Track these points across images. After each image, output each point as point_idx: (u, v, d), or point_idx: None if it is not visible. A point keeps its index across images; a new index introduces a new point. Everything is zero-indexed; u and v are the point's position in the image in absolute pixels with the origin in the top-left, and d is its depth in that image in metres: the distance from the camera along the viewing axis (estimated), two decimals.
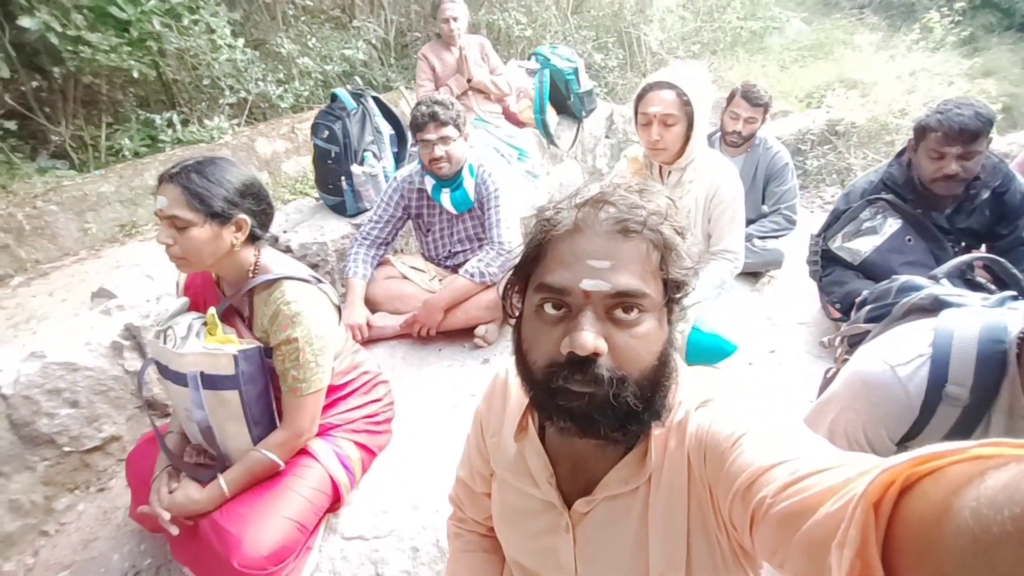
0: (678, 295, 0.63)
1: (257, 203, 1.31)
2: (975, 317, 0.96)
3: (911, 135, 1.93)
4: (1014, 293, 1.41)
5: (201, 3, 3.36)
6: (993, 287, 1.49)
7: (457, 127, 2.04)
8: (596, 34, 5.57)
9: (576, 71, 3.20)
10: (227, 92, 3.54)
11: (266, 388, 1.37)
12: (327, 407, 1.48)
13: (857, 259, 2.03)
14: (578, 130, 3.45)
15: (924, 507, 0.32)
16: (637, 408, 0.58)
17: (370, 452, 1.59)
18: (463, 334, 2.21)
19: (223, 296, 1.39)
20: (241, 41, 3.42)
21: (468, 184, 2.15)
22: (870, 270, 1.99)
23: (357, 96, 2.42)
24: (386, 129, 2.50)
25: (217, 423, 1.32)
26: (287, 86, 3.74)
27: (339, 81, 3.99)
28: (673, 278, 0.61)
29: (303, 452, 1.43)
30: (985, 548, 0.26)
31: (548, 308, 0.60)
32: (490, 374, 1.98)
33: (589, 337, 0.56)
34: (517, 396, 0.79)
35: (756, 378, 2.07)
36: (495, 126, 2.90)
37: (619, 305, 0.58)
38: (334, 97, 2.43)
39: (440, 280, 2.32)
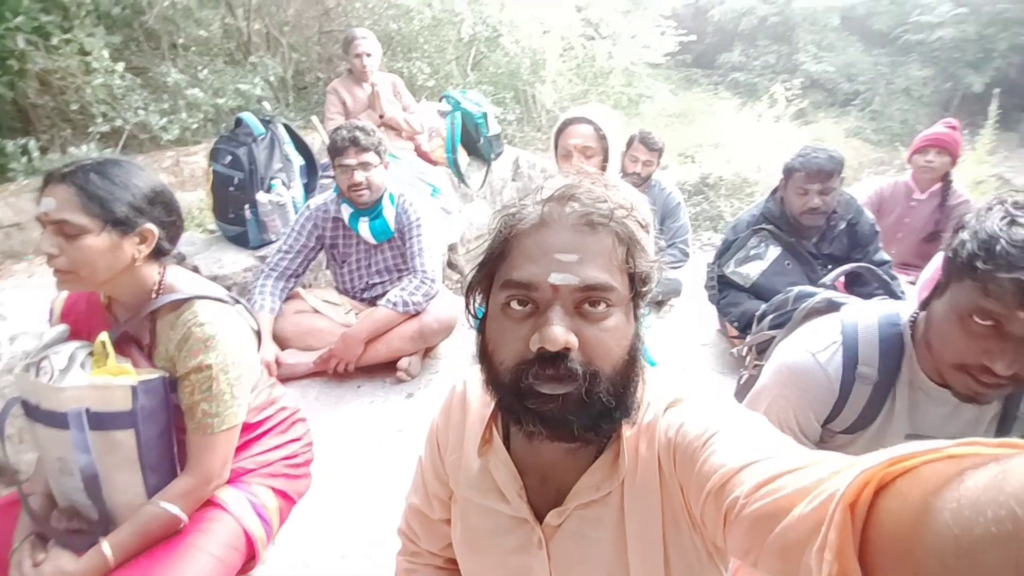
0: (643, 289, 0.63)
1: (167, 213, 1.16)
2: (872, 308, 1.10)
3: (781, 176, 2.26)
4: (883, 295, 1.67)
5: (76, 22, 3.05)
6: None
7: (378, 154, 2.01)
8: (495, 89, 5.89)
9: (485, 115, 3.33)
10: (99, 119, 3.18)
11: (168, 428, 1.17)
12: (239, 449, 1.30)
13: (748, 282, 2.28)
14: (487, 172, 3.56)
15: (901, 508, 0.32)
16: (610, 405, 0.57)
17: (289, 499, 1.41)
18: (384, 369, 2.10)
19: (116, 322, 1.19)
20: (121, 65, 3.12)
21: (388, 213, 2.11)
22: (759, 291, 2.24)
23: (266, 122, 2.29)
24: (296, 159, 2.39)
25: (103, 473, 1.10)
26: (172, 117, 3.46)
27: (231, 116, 3.78)
28: (638, 272, 0.61)
29: (210, 503, 1.23)
30: (967, 550, 0.25)
31: (515, 305, 0.58)
32: (416, 409, 1.90)
33: (560, 331, 0.54)
34: (478, 408, 0.75)
35: None
36: (407, 162, 2.90)
37: (587, 299, 0.57)
38: (239, 122, 2.29)
39: (356, 314, 2.20)
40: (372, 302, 2.20)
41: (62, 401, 1.07)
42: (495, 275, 0.62)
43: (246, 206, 2.25)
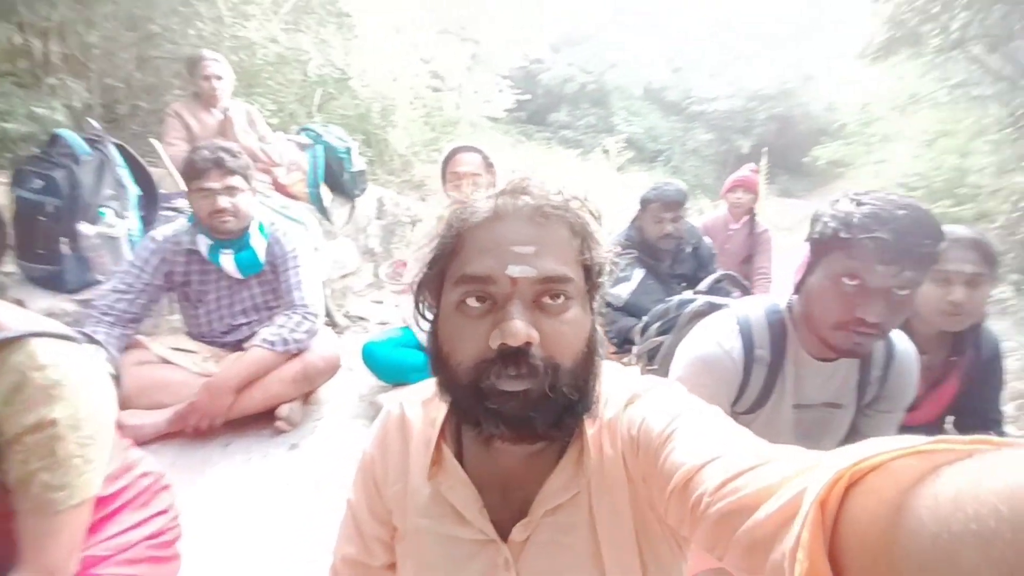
0: (599, 280, 0.62)
1: None
2: (755, 302, 1.27)
3: (638, 208, 2.56)
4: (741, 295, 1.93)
5: None
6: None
7: (245, 178, 1.80)
8: (346, 131, 5.73)
9: (349, 150, 3.21)
10: None
11: None
12: (88, 531, 1.00)
13: (620, 302, 2.49)
14: (352, 208, 3.41)
15: (874, 505, 0.30)
16: (573, 398, 0.56)
17: None
18: (257, 421, 1.81)
19: None
20: None
21: (257, 244, 1.88)
22: (631, 309, 2.46)
23: (92, 141, 1.91)
24: (132, 187, 2.02)
25: None
26: None
27: (22, 144, 3.09)
28: (594, 263, 0.60)
29: None
30: (945, 549, 0.24)
31: (471, 301, 0.55)
32: (302, 461, 1.69)
33: (521, 325, 0.52)
34: (421, 429, 0.69)
35: None
36: (267, 196, 2.64)
37: (546, 292, 0.55)
38: (55, 139, 1.87)
39: (217, 361, 1.89)
40: (237, 346, 1.91)
41: None
42: (446, 273, 0.59)
43: (61, 239, 1.82)
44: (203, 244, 1.82)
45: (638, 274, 2.52)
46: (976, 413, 1.53)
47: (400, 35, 6.08)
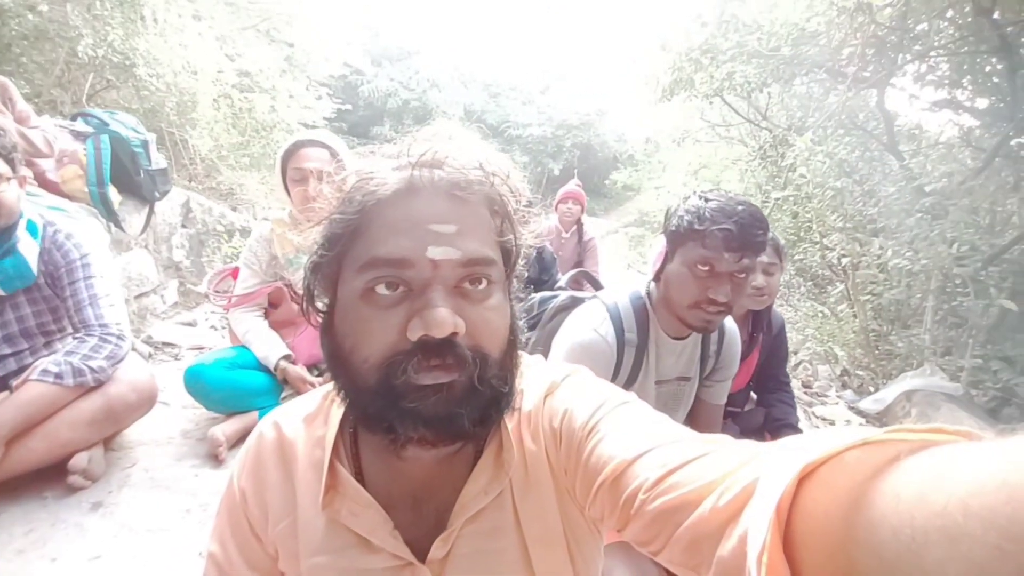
0: (518, 264, 0.58)
1: None
2: (618, 291, 1.39)
3: None
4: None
5: None
6: None
7: (11, 164, 1.38)
8: None
9: (146, 144, 2.66)
10: None
11: None
12: None
13: None
14: (149, 213, 2.83)
15: (828, 499, 0.29)
16: (501, 390, 0.52)
17: None
18: (39, 478, 1.37)
19: None
20: None
21: (27, 248, 1.45)
22: None
23: None
24: None
25: None
26: None
27: None
28: (514, 245, 0.56)
29: None
30: (907, 544, 0.23)
31: (382, 289, 0.48)
32: (110, 523, 1.40)
33: (446, 314, 0.47)
34: (307, 451, 0.60)
35: None
36: (32, 193, 2.04)
37: (468, 276, 0.50)
38: None
39: None
40: (2, 384, 1.44)
41: None
42: (345, 257, 0.52)
43: None
44: None
45: None
46: (772, 378, 1.89)
47: (201, 24, 5.34)
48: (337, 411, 0.59)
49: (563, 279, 1.84)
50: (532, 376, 0.62)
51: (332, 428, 0.58)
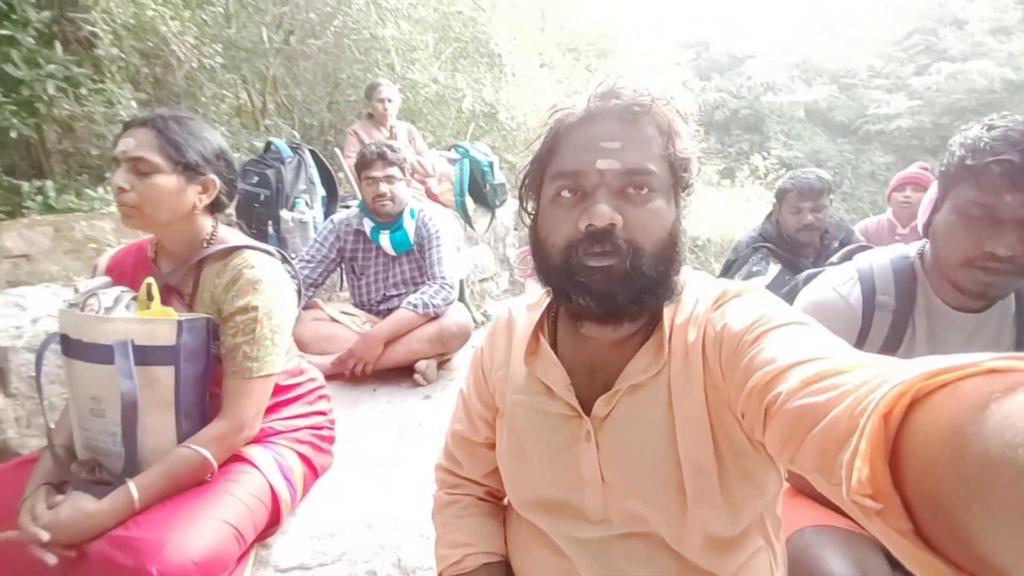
0: (684, 175, 0.66)
1: (228, 171, 1.25)
2: (881, 252, 1.19)
3: (774, 201, 2.43)
4: None
5: (107, 75, 3.30)
6: None
7: (402, 170, 2.15)
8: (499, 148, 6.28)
9: (492, 164, 3.57)
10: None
11: (205, 373, 1.18)
12: (268, 410, 1.28)
13: None
14: (491, 218, 3.74)
15: (931, 423, 0.32)
16: (653, 278, 0.61)
17: (313, 470, 1.37)
18: (399, 375, 2.09)
19: (160, 276, 1.23)
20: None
21: (408, 226, 2.21)
22: None
23: (294, 147, 2.46)
24: (319, 186, 2.53)
25: (139, 409, 1.08)
26: None
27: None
28: (679, 159, 0.64)
29: (238, 458, 1.20)
30: (984, 468, 0.26)
31: (565, 194, 0.63)
32: (434, 409, 1.91)
33: (605, 209, 0.59)
34: (524, 323, 0.80)
35: None
36: (419, 201, 3.06)
37: (630, 183, 0.61)
38: (268, 147, 2.45)
39: (371, 325, 2.23)
40: (388, 315, 2.24)
41: (107, 333, 1.08)
42: (546, 171, 0.67)
43: (269, 222, 2.35)
44: (367, 225, 2.20)
45: (773, 269, 2.37)
46: None
47: (544, 70, 6.52)
48: (546, 300, 0.80)
49: (836, 255, 1.62)
50: (707, 287, 0.70)
51: (540, 310, 0.79)
